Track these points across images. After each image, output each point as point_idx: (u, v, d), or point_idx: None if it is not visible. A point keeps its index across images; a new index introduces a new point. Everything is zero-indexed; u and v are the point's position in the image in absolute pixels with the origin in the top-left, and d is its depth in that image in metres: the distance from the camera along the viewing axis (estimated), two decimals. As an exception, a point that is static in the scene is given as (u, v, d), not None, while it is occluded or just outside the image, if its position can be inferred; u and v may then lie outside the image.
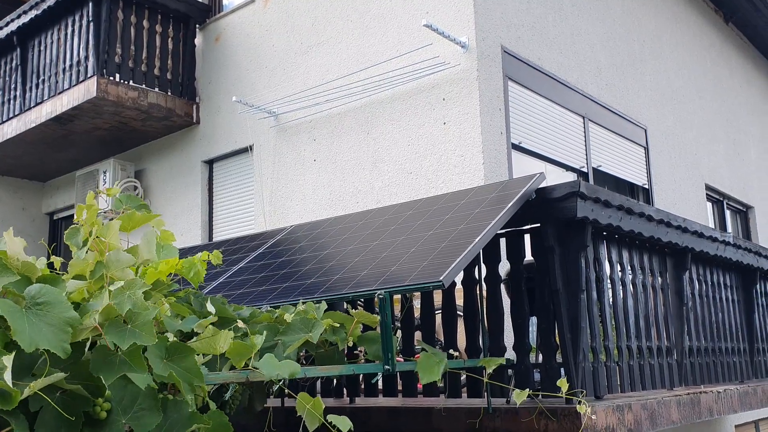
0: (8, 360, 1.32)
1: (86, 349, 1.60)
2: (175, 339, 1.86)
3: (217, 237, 7.76)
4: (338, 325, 2.81)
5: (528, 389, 2.97)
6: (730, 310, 5.19)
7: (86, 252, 1.88)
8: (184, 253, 5.08)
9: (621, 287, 3.80)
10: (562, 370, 3.24)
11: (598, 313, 3.51)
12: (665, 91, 8.95)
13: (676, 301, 4.34)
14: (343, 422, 2.10)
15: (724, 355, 4.96)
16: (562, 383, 2.95)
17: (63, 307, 1.50)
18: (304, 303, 2.92)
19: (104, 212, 7.18)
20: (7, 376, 1.31)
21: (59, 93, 7.78)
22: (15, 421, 1.37)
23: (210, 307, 2.41)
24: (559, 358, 3.29)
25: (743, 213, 11.16)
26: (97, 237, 1.90)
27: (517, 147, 6.07)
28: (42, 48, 8.32)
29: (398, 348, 3.70)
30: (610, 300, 3.71)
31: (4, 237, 1.68)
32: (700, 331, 4.62)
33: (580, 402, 2.90)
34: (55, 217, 10.06)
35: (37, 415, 1.44)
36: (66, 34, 7.96)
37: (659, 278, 4.20)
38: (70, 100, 7.60)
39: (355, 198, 6.33)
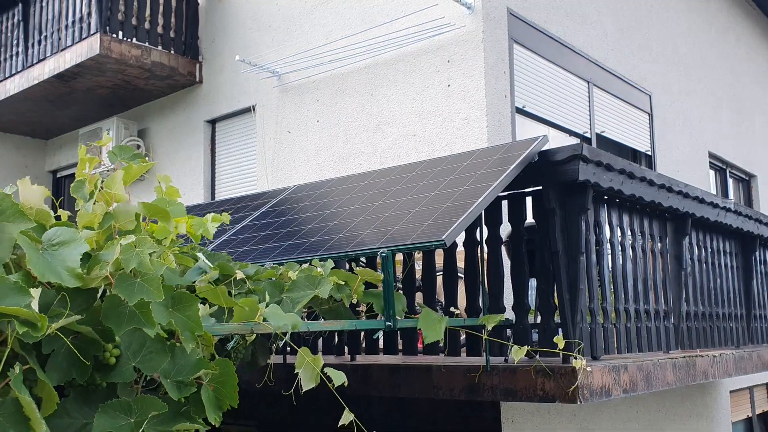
0: (36, 292, 1.37)
1: (98, 296, 1.64)
2: (181, 289, 1.90)
3: (220, 196, 7.79)
4: (343, 282, 2.85)
5: (526, 346, 3.03)
6: (729, 276, 5.24)
7: (93, 204, 1.91)
8: (188, 210, 5.11)
9: (620, 251, 3.84)
10: (560, 331, 3.29)
11: (596, 276, 3.55)
12: (671, 57, 8.89)
13: (675, 266, 4.38)
14: (338, 376, 2.16)
15: (721, 321, 5.01)
16: (559, 340, 3.01)
17: (77, 244, 1.54)
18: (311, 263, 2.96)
19: (105, 170, 7.20)
20: (35, 305, 1.36)
21: (62, 50, 7.74)
22: (30, 357, 1.41)
23: (203, 264, 2.43)
24: (557, 319, 3.34)
25: (746, 182, 11.16)
26: (102, 189, 1.93)
27: (521, 111, 6.06)
28: (44, 4, 8.25)
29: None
30: (610, 263, 3.75)
31: (19, 185, 1.71)
32: (698, 296, 4.67)
33: (576, 357, 2.95)
34: (58, 175, 10.08)
35: (48, 359, 1.49)
36: (68, -10, 7.89)
37: (659, 243, 4.24)
38: (73, 57, 7.56)
39: (358, 160, 6.33)
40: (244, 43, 7.62)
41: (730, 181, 10.62)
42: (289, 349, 3.95)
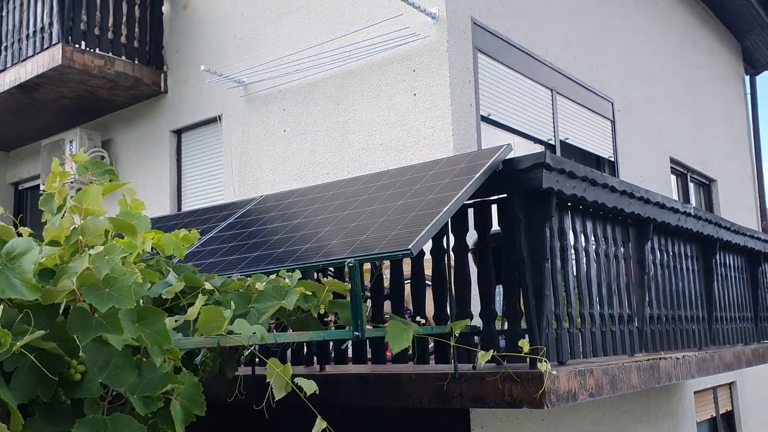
0: (-3, 311, 1.37)
1: (60, 312, 1.62)
2: (146, 303, 1.89)
3: (186, 207, 7.72)
4: (310, 293, 2.86)
5: (492, 351, 3.06)
6: (690, 279, 5.34)
7: (62, 218, 1.89)
8: (154, 222, 5.06)
9: (584, 256, 3.90)
10: (527, 336, 3.33)
11: (562, 282, 3.61)
12: (631, 64, 9.06)
13: (638, 271, 4.46)
14: (309, 385, 2.17)
15: (684, 323, 5.11)
16: (524, 344, 3.05)
17: (33, 253, 1.52)
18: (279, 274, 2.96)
19: (71, 182, 7.10)
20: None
21: (23, 60, 7.62)
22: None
23: (171, 278, 2.42)
24: (523, 325, 3.38)
25: (706, 186, 11.39)
26: (74, 204, 1.91)
27: (486, 119, 6.13)
28: (4, 13, 8.13)
29: (368, 317, 3.75)
30: (574, 269, 3.80)
31: None
32: (660, 299, 4.76)
33: (541, 360, 2.99)
34: (20, 188, 9.91)
35: (11, 377, 1.47)
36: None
37: (622, 248, 4.31)
38: (35, 67, 7.45)
39: (325, 169, 6.34)
40: (210, 52, 7.59)
41: (691, 186, 10.84)
42: (257, 360, 3.93)
